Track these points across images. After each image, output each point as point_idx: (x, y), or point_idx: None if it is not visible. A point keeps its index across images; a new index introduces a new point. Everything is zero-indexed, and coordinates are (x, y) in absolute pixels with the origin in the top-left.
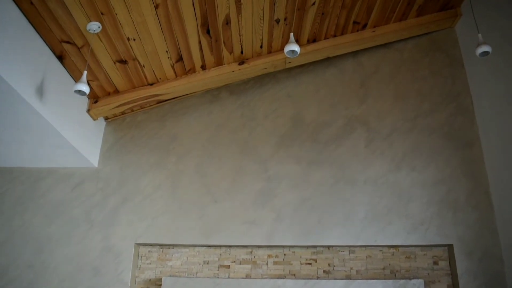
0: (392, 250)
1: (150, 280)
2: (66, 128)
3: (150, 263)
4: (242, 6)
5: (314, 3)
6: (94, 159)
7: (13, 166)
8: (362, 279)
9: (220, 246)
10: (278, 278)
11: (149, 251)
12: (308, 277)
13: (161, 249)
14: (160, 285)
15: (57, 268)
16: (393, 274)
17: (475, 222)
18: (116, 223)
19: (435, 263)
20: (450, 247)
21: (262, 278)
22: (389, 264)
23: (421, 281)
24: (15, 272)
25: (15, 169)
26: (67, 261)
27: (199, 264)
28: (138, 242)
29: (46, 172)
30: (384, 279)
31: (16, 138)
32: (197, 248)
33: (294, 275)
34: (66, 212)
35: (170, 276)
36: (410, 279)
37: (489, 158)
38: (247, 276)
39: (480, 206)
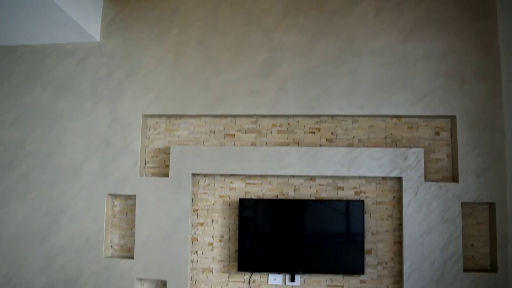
0: (395, 120)
1: (159, 149)
2: (65, 2)
3: (159, 134)
4: None
5: None
6: (95, 33)
7: (17, 44)
8: (363, 147)
9: (225, 116)
10: (282, 146)
11: (156, 122)
12: (311, 145)
13: (168, 120)
14: (169, 153)
15: (70, 141)
16: (395, 143)
17: (480, 95)
18: (123, 96)
19: (437, 133)
20: (453, 118)
21: (266, 146)
22: (391, 134)
23: (420, 149)
24: (31, 146)
25: (20, 47)
26: (79, 134)
27: (205, 134)
28: (145, 113)
29: (51, 48)
30: (385, 147)
31: (17, 15)
32: (203, 119)
33: (298, 143)
34: (73, 87)
35: (178, 145)
36: (410, 147)
37: (504, 31)
38: (252, 145)
39: (488, 79)
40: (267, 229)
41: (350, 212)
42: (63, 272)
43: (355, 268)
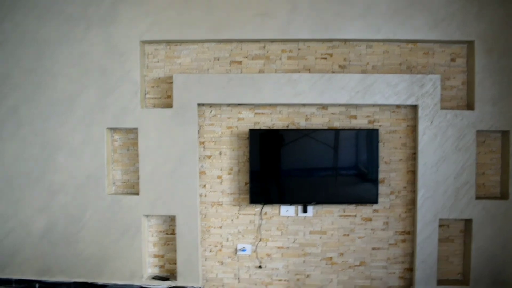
0: (410, 45)
1: (159, 78)
2: None
3: (158, 62)
4: None
5: None
6: None
7: None
8: (378, 74)
9: (230, 41)
10: (291, 73)
11: (155, 49)
12: (322, 72)
13: (168, 47)
14: (171, 83)
15: (61, 70)
16: (410, 70)
17: (499, 19)
18: (117, 20)
19: (453, 60)
20: (470, 43)
21: (276, 73)
22: (406, 60)
23: (437, 76)
24: (18, 77)
25: None
26: (70, 62)
27: (210, 61)
28: (143, 39)
29: None
30: (401, 74)
31: None
32: (206, 44)
33: (309, 70)
34: (60, 11)
35: (181, 73)
36: (426, 74)
37: None
38: (260, 72)
39: (507, 3)
40: (279, 160)
41: (364, 141)
42: (64, 211)
43: (368, 197)
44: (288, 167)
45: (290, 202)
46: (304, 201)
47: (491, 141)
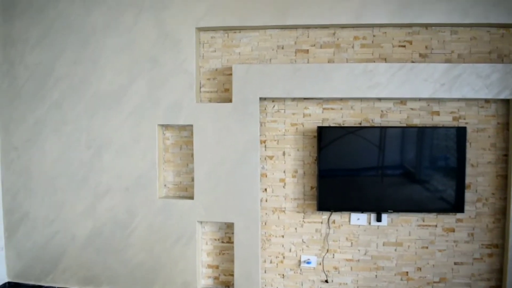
0: (502, 31)
1: (216, 69)
2: None
3: (215, 51)
4: None
5: None
6: None
7: None
8: (465, 63)
9: (296, 28)
10: (365, 63)
11: (211, 37)
12: (400, 61)
13: (226, 34)
14: (229, 74)
15: (108, 61)
16: (501, 59)
17: None
18: (170, 4)
19: None
20: None
21: (347, 63)
22: (497, 48)
23: None
24: (62, 69)
25: None
26: (118, 52)
27: (272, 50)
28: (199, 26)
29: None
30: (491, 63)
31: None
32: (268, 31)
33: (385, 59)
34: None
35: (241, 64)
36: None
37: None
38: (329, 62)
39: None
40: (350, 162)
41: (449, 141)
42: (111, 215)
43: (453, 205)
44: (361, 169)
45: (362, 209)
46: (377, 209)
47: None
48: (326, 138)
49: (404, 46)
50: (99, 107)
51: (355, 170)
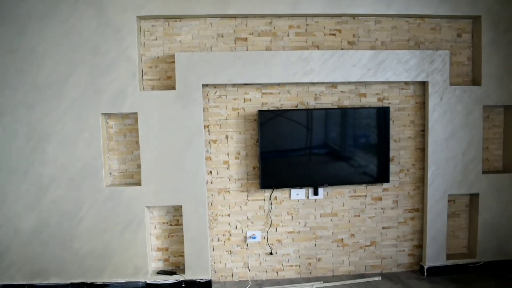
0: (418, 21)
1: (158, 57)
2: None
3: (156, 39)
4: None
5: None
6: None
7: None
8: (388, 50)
9: (235, 17)
10: (300, 50)
11: (152, 26)
12: (331, 49)
13: (167, 23)
14: (171, 62)
15: (47, 50)
16: (417, 46)
17: None
18: None
19: (459, 35)
20: (476, 18)
21: (283, 50)
22: (414, 36)
23: (447, 52)
24: None
25: None
26: (58, 41)
27: (213, 38)
28: (140, 14)
29: None
30: (409, 50)
31: None
32: (209, 20)
33: (317, 46)
34: None
35: (183, 52)
36: (435, 50)
37: None
38: (267, 49)
39: None
40: (289, 142)
41: (374, 119)
42: (56, 207)
43: (380, 177)
44: (299, 148)
45: (301, 185)
46: (315, 184)
47: (494, 116)
48: (265, 121)
49: (334, 35)
50: (39, 98)
51: (293, 150)
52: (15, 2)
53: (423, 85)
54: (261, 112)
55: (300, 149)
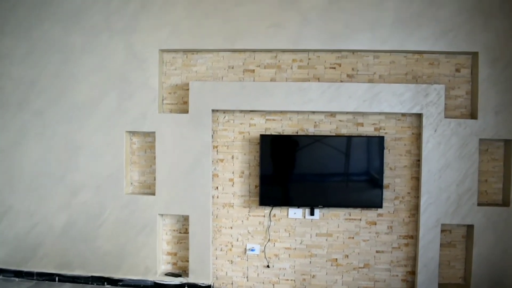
0: (416, 56)
1: (176, 85)
2: None
3: (175, 69)
4: None
5: None
6: None
7: None
8: (384, 83)
9: (244, 51)
10: (302, 81)
11: (173, 57)
12: (331, 81)
13: (185, 55)
14: (187, 89)
15: (84, 76)
16: (415, 80)
17: (505, 31)
18: (138, 30)
19: (457, 70)
20: (475, 54)
21: (286, 81)
22: (412, 70)
23: (442, 86)
24: (44, 82)
25: None
26: (93, 69)
27: (224, 69)
28: (162, 48)
29: None
30: (406, 83)
31: None
32: (221, 53)
33: (318, 79)
34: (85, 20)
35: (197, 80)
36: (431, 84)
37: None
38: (272, 80)
39: None
40: (288, 165)
41: (370, 148)
42: (84, 209)
43: (373, 202)
44: (296, 171)
45: (298, 205)
46: (311, 204)
47: (494, 150)
48: (267, 144)
49: (334, 68)
50: (76, 116)
51: (292, 172)
52: (62, 36)
53: (419, 116)
54: (262, 136)
55: (297, 171)
